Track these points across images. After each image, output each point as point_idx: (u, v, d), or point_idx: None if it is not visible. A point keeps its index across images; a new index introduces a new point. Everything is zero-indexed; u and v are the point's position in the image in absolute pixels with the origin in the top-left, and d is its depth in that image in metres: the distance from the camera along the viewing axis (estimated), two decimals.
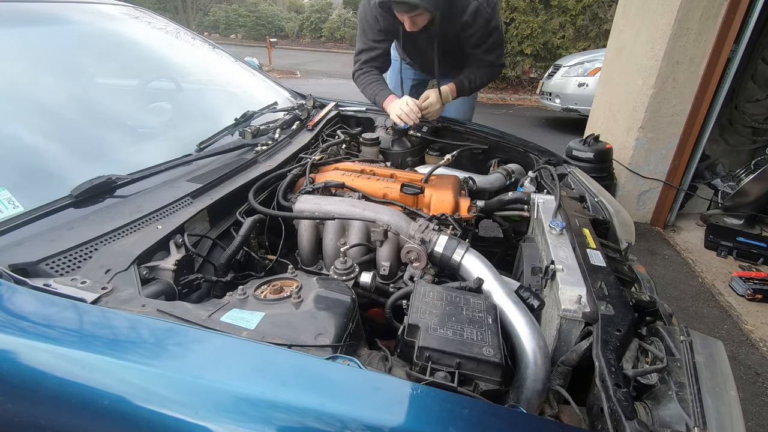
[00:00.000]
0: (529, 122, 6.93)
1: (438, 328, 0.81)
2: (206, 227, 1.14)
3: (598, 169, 3.11)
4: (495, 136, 1.93)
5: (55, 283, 0.75)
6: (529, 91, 8.76)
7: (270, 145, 1.48)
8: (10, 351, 0.64)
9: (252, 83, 2.00)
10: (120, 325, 0.69)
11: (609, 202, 1.47)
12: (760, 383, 2.04)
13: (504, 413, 0.64)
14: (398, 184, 1.36)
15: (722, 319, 2.46)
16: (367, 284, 1.04)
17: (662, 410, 0.74)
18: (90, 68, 1.47)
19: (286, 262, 1.10)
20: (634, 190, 3.45)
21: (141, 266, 0.87)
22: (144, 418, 0.59)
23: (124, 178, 1.07)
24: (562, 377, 0.88)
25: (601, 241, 1.19)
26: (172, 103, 1.65)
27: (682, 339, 0.86)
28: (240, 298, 0.83)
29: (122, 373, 0.62)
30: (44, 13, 1.48)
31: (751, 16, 2.80)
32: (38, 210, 0.91)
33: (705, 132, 3.18)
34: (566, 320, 0.89)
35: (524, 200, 1.41)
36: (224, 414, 0.58)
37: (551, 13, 7.78)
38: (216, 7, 18.67)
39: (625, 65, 3.38)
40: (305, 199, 1.25)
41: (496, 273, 1.04)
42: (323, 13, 17.34)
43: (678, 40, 2.95)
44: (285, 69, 11.38)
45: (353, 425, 0.57)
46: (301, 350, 0.68)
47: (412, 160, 1.88)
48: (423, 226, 1.16)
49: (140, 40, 1.77)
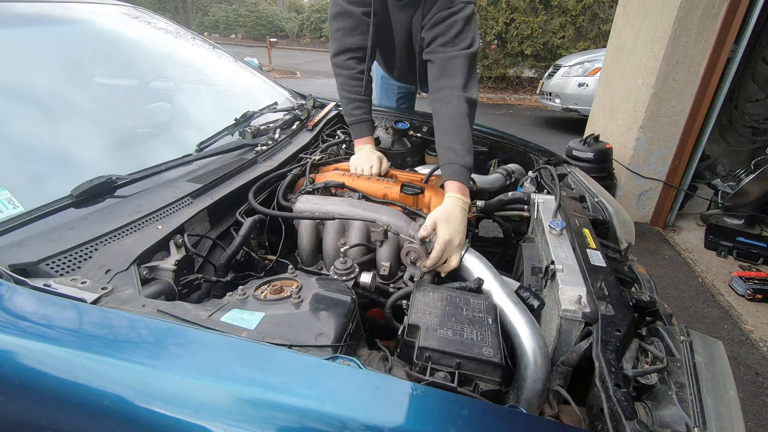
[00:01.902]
0: (529, 122, 6.93)
1: (438, 329, 0.81)
2: (206, 227, 1.14)
3: (598, 169, 3.11)
4: (495, 136, 1.93)
5: (55, 283, 0.75)
6: (529, 91, 8.76)
7: (270, 145, 1.48)
8: (10, 351, 0.64)
9: (252, 83, 2.00)
10: (120, 326, 0.69)
11: (609, 202, 1.47)
12: (760, 383, 2.04)
13: (504, 413, 0.64)
14: (398, 184, 1.36)
15: (722, 319, 2.46)
16: (367, 284, 1.04)
17: (662, 410, 0.74)
18: (90, 68, 1.47)
19: (286, 262, 1.10)
20: (634, 190, 3.45)
21: (141, 266, 0.87)
22: (144, 418, 0.59)
23: (124, 178, 1.07)
24: (562, 377, 0.88)
25: (601, 241, 1.19)
26: (172, 103, 1.64)
27: (682, 339, 0.86)
28: (240, 298, 0.83)
29: (122, 373, 0.62)
30: (44, 13, 1.48)
31: (751, 16, 2.80)
32: (38, 210, 0.91)
33: (705, 132, 3.19)
34: (566, 320, 0.89)
35: (524, 200, 1.41)
36: (224, 414, 0.58)
37: (551, 13, 7.78)
38: (216, 7, 18.68)
39: (625, 65, 3.38)
40: (305, 199, 1.25)
41: (496, 273, 1.04)
42: (323, 13, 17.32)
43: (678, 40, 2.95)
44: (285, 69, 11.38)
45: (353, 425, 0.57)
46: (301, 350, 0.68)
47: (412, 160, 1.88)
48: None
49: (140, 40, 1.77)
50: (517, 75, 8.93)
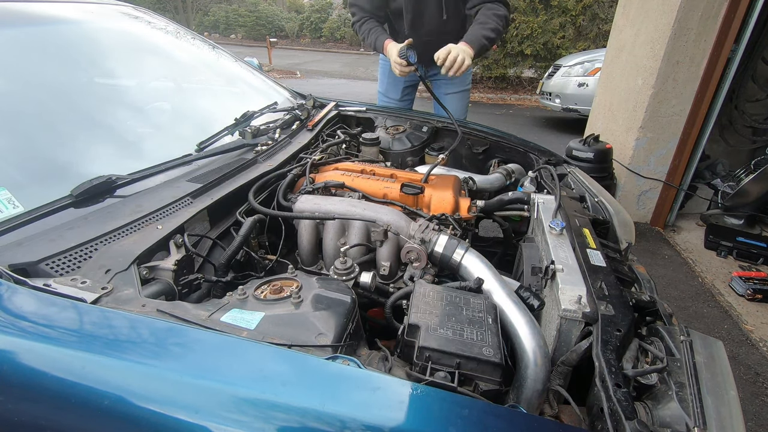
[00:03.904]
0: (529, 122, 6.93)
1: (438, 328, 0.81)
2: (206, 227, 1.14)
3: (598, 169, 3.11)
4: (495, 136, 1.93)
5: (55, 283, 0.75)
6: (529, 91, 8.76)
7: (270, 145, 1.48)
8: (10, 351, 0.64)
9: (252, 83, 2.00)
10: (120, 325, 0.69)
11: (609, 202, 1.47)
12: (760, 383, 2.04)
13: (504, 413, 0.64)
14: (398, 184, 1.36)
15: (722, 319, 2.46)
16: (367, 284, 1.04)
17: (662, 410, 0.74)
18: (90, 68, 1.46)
19: (286, 262, 1.10)
20: (634, 190, 3.45)
21: (141, 266, 0.87)
22: (144, 418, 0.59)
23: (124, 178, 1.07)
24: (562, 377, 0.88)
25: (601, 241, 1.19)
26: (172, 103, 1.64)
27: (682, 339, 0.86)
28: (240, 298, 0.83)
29: (122, 373, 0.62)
30: (44, 13, 1.48)
31: (751, 16, 2.80)
32: (38, 210, 0.91)
33: (705, 132, 3.18)
34: (566, 320, 0.89)
35: (524, 200, 1.41)
36: (224, 414, 0.58)
37: (551, 13, 7.78)
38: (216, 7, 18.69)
39: (625, 65, 3.38)
40: (305, 199, 1.25)
41: (496, 273, 1.04)
42: (323, 13, 17.36)
43: (678, 40, 2.95)
44: (285, 69, 11.39)
45: (353, 425, 0.57)
46: (301, 350, 0.68)
47: (412, 159, 1.88)
48: (423, 226, 1.16)
49: (140, 40, 1.77)
50: (517, 75, 8.92)
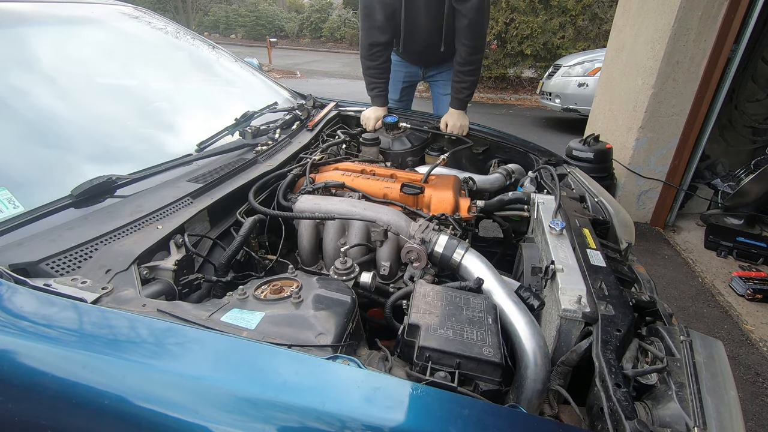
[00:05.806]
0: (529, 122, 6.93)
1: (438, 328, 0.81)
2: (206, 227, 1.14)
3: (598, 169, 3.11)
4: (495, 136, 1.93)
5: (55, 283, 0.75)
6: (529, 91, 8.76)
7: (270, 145, 1.48)
8: (10, 351, 0.64)
9: (252, 83, 2.00)
10: (120, 325, 0.69)
11: (609, 202, 1.47)
12: (760, 383, 2.04)
13: (504, 413, 0.64)
14: (398, 184, 1.36)
15: (722, 319, 2.46)
16: (367, 284, 1.04)
17: (662, 410, 0.74)
18: (90, 68, 1.47)
19: (286, 262, 1.10)
20: (634, 190, 3.45)
21: (141, 266, 0.87)
22: (144, 418, 0.59)
23: (124, 178, 1.07)
24: (562, 377, 0.88)
25: (601, 241, 1.19)
26: (172, 103, 1.64)
27: (682, 339, 0.86)
28: (240, 298, 0.83)
29: (122, 373, 0.62)
30: (43, 13, 1.48)
31: (751, 16, 2.80)
32: (38, 210, 0.91)
33: (705, 132, 3.18)
34: (566, 320, 0.89)
35: (524, 200, 1.41)
36: (224, 414, 0.58)
37: (551, 13, 7.77)
38: (216, 7, 18.69)
39: (625, 65, 3.38)
40: (305, 199, 1.25)
41: (496, 273, 1.04)
42: (323, 13, 17.34)
43: (678, 40, 2.95)
44: (285, 69, 11.38)
45: (353, 425, 0.57)
46: (301, 350, 0.68)
47: (412, 159, 1.88)
48: (423, 226, 1.16)
49: (140, 40, 1.77)
50: (517, 75, 8.92)
